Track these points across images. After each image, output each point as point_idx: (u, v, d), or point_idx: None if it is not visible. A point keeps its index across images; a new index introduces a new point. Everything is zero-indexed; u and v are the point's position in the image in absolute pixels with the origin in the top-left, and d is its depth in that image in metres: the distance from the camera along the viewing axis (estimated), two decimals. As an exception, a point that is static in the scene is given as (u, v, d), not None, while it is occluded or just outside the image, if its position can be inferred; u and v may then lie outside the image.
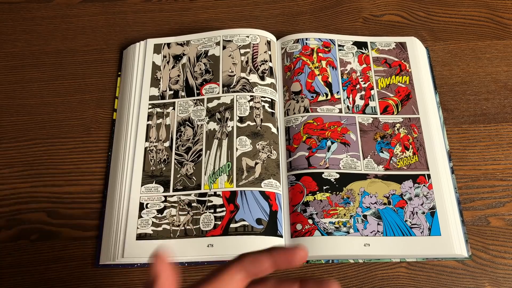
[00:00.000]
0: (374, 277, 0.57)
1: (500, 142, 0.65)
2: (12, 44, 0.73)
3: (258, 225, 0.56)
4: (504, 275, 0.57)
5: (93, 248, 0.59)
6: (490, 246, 0.59)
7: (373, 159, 0.62)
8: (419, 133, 0.64)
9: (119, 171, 0.62)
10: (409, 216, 0.58)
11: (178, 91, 0.66)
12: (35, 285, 0.57)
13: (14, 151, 0.65)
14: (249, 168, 0.60)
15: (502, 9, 0.75)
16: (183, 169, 0.61)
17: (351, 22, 0.75)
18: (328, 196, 0.59)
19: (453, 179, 0.62)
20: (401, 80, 0.68)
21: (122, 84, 0.69)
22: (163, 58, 0.69)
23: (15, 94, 0.69)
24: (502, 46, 0.72)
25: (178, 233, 0.57)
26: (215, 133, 0.62)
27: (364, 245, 0.56)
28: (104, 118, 0.67)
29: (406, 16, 0.75)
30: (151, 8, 0.76)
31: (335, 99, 0.66)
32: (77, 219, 0.60)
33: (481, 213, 0.60)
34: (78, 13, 0.76)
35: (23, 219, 0.60)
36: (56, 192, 0.62)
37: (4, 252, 0.59)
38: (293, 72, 0.68)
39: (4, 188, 0.62)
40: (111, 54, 0.72)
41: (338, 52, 0.69)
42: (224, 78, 0.66)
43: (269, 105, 0.64)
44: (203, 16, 0.75)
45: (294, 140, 0.63)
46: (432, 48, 0.72)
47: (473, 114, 0.67)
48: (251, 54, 0.67)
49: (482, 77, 0.70)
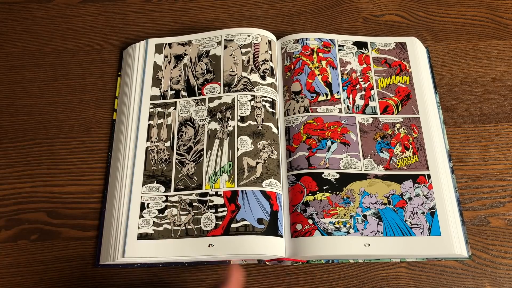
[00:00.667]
0: (374, 277, 0.57)
1: (500, 142, 0.65)
2: (12, 44, 0.73)
3: (259, 225, 0.56)
4: (504, 275, 0.57)
5: (93, 248, 0.59)
6: (490, 246, 0.59)
7: (373, 159, 0.62)
8: (419, 133, 0.64)
9: (119, 171, 0.62)
10: (409, 216, 0.58)
11: (179, 91, 0.66)
12: (35, 285, 0.57)
13: (14, 151, 0.64)
14: (250, 167, 0.60)
15: (502, 9, 0.75)
16: (184, 169, 0.61)
17: (351, 22, 0.75)
18: (328, 196, 0.59)
19: (453, 179, 0.62)
20: (401, 80, 0.68)
21: (122, 84, 0.69)
22: (165, 58, 0.69)
23: (15, 94, 0.69)
24: (502, 46, 0.72)
25: (179, 233, 0.57)
26: (216, 132, 0.62)
27: (364, 245, 0.56)
28: (104, 118, 0.67)
29: (406, 16, 0.75)
30: (151, 8, 0.76)
31: (335, 99, 0.66)
32: (77, 219, 0.60)
33: (481, 213, 0.61)
34: (78, 13, 0.75)
35: (23, 219, 0.60)
36: (56, 192, 0.62)
37: (4, 252, 0.59)
38: (293, 72, 0.68)
39: (4, 188, 0.62)
40: (111, 54, 0.72)
41: (338, 52, 0.69)
42: (225, 77, 0.66)
43: (270, 105, 0.64)
44: (203, 16, 0.75)
45: (294, 140, 0.63)
46: (432, 48, 0.72)
47: (473, 114, 0.67)
48: (252, 53, 0.67)
49: (482, 77, 0.70)
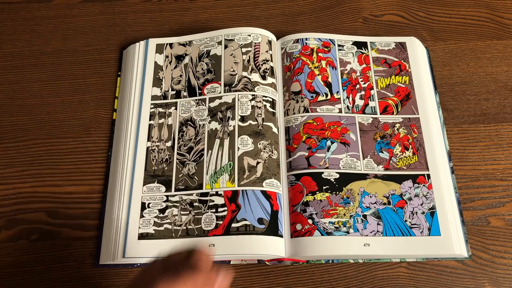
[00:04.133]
0: (374, 277, 0.57)
1: (500, 142, 0.65)
2: (12, 44, 0.73)
3: (260, 224, 0.56)
4: (504, 275, 0.57)
5: (93, 248, 0.59)
6: (490, 246, 0.59)
7: (373, 159, 0.62)
8: (419, 133, 0.64)
9: (119, 171, 0.61)
10: (409, 216, 0.58)
11: (180, 91, 0.66)
12: (35, 285, 0.57)
13: (14, 151, 0.64)
14: (251, 167, 0.60)
15: (502, 9, 0.75)
16: (185, 168, 0.61)
17: (351, 22, 0.75)
18: (328, 196, 0.59)
19: (453, 179, 0.62)
20: (401, 80, 0.68)
21: (122, 84, 0.69)
22: (165, 58, 0.69)
23: (15, 94, 0.69)
24: (502, 46, 0.72)
25: (179, 233, 0.57)
26: (217, 132, 0.62)
27: (364, 245, 0.56)
28: (104, 118, 0.67)
29: (406, 16, 0.75)
30: (151, 8, 0.76)
31: (335, 99, 0.66)
32: (77, 219, 0.60)
33: (481, 213, 0.61)
34: (78, 13, 0.75)
35: (23, 219, 0.60)
36: (56, 192, 0.62)
37: (4, 252, 0.59)
38: (293, 72, 0.68)
39: (4, 188, 0.62)
40: (111, 54, 0.72)
41: (338, 52, 0.70)
42: (226, 77, 0.66)
43: (270, 104, 0.64)
44: (203, 16, 0.75)
45: (294, 140, 0.63)
46: (432, 48, 0.72)
47: (473, 114, 0.67)
48: (252, 53, 0.67)
49: (482, 77, 0.70)
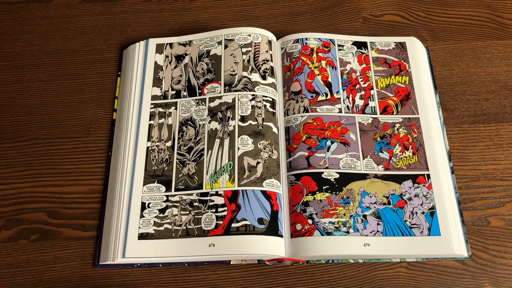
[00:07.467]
0: (374, 277, 0.57)
1: (500, 142, 0.65)
2: (12, 44, 0.73)
3: (260, 224, 0.56)
4: (504, 275, 0.57)
5: (93, 248, 0.59)
6: (490, 246, 0.59)
7: (372, 159, 0.62)
8: (419, 133, 0.64)
9: (119, 171, 0.61)
10: (409, 216, 0.58)
11: (180, 91, 0.66)
12: (35, 285, 0.57)
13: (14, 151, 0.64)
14: (251, 167, 0.60)
15: (502, 9, 0.75)
16: (185, 168, 0.61)
17: (351, 22, 0.75)
18: (327, 196, 0.59)
19: (453, 179, 0.62)
20: (400, 80, 0.68)
21: (122, 84, 0.69)
22: (165, 58, 0.69)
23: (15, 94, 0.69)
24: (502, 46, 0.72)
25: (179, 233, 0.57)
26: (217, 132, 0.62)
27: (364, 245, 0.56)
28: (104, 118, 0.67)
29: (406, 16, 0.75)
30: (151, 8, 0.76)
31: (335, 99, 0.66)
32: (77, 219, 0.60)
33: (481, 213, 0.61)
34: (78, 13, 0.75)
35: (23, 219, 0.60)
36: (56, 192, 0.62)
37: (4, 252, 0.59)
38: (292, 72, 0.68)
39: (4, 188, 0.62)
40: (111, 54, 0.72)
41: (338, 52, 0.70)
42: (226, 77, 0.66)
43: (271, 104, 0.64)
44: (203, 16, 0.75)
45: (294, 140, 0.63)
46: (432, 48, 0.72)
47: (473, 114, 0.67)
48: (252, 53, 0.67)
49: (482, 77, 0.70)
